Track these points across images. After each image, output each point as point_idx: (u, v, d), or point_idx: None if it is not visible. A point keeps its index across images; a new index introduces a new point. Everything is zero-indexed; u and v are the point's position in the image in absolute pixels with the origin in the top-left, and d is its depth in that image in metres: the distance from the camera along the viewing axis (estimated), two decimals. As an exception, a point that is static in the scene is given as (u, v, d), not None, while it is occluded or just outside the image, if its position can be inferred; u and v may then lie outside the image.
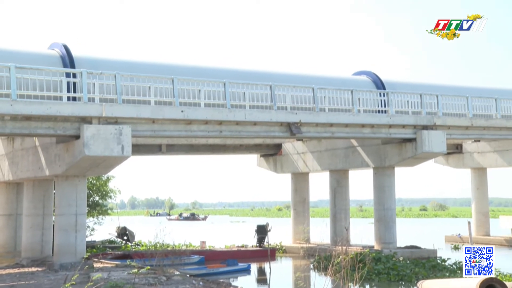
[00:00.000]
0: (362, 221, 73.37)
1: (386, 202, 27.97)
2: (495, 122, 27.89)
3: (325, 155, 31.73)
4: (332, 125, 23.93)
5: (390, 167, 27.88)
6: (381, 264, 22.01)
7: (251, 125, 22.29)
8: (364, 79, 27.59)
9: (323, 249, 26.80)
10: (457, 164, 40.99)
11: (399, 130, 25.56)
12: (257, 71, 25.34)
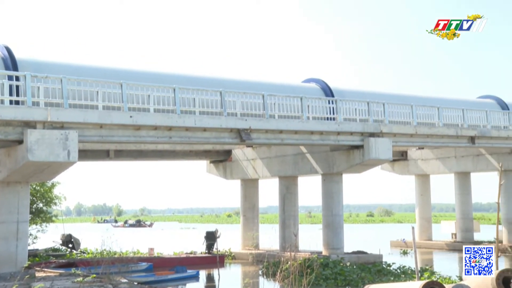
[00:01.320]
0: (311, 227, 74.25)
1: (334, 208, 28.40)
2: (437, 130, 28.85)
3: (275, 161, 31.97)
4: (281, 132, 24.15)
5: (338, 173, 28.35)
6: (329, 270, 22.31)
7: (201, 131, 22.21)
8: (313, 87, 28.00)
9: (272, 255, 26.94)
10: (402, 170, 42.17)
11: (347, 137, 26.05)
12: (208, 77, 25.32)
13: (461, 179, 38.98)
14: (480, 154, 37.18)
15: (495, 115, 32.00)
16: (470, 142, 30.46)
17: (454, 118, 30.04)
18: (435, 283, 9.24)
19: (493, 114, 31.84)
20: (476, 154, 37.40)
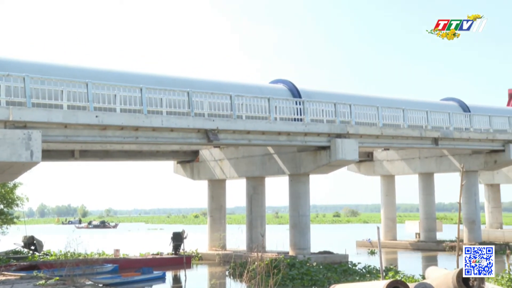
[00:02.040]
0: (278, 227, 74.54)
1: (301, 209, 28.59)
2: (402, 131, 29.33)
3: (242, 162, 31.99)
4: (249, 133, 24.19)
5: (305, 174, 28.54)
6: (295, 270, 22.44)
7: (168, 132, 22.07)
8: (280, 88, 28.13)
9: (239, 255, 26.94)
10: (368, 171, 42.75)
11: (314, 138, 26.25)
12: (175, 77, 25.15)
13: (425, 179, 39.74)
14: (443, 155, 37.99)
15: (457, 117, 32.73)
16: (434, 144, 31.09)
17: (418, 120, 30.61)
18: (399, 282, 9.39)
19: (455, 116, 32.56)
20: (439, 155, 38.21)
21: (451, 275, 9.78)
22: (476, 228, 36.24)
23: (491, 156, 34.92)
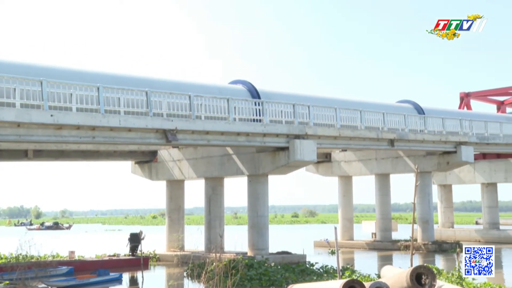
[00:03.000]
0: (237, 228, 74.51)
1: (260, 209, 28.68)
2: (360, 132, 29.82)
3: (201, 162, 31.86)
4: (208, 133, 24.12)
5: (264, 174, 28.65)
6: (254, 270, 22.50)
7: (126, 131, 21.78)
8: (240, 88, 28.16)
9: (197, 256, 26.83)
10: (326, 172, 43.27)
11: (273, 138, 26.38)
12: (134, 76, 24.85)
13: (381, 180, 40.51)
14: (398, 156, 38.83)
15: (412, 119, 33.49)
16: (390, 145, 31.72)
17: (375, 121, 31.17)
18: (355, 282, 9.55)
19: (410, 118, 33.31)
20: (395, 156, 39.03)
21: (405, 273, 10.01)
22: (429, 227, 37.20)
23: (443, 158, 35.91)
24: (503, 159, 45.12)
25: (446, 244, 37.02)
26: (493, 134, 37.33)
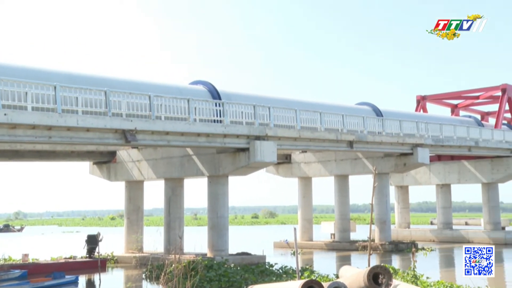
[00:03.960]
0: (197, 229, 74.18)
1: (220, 210, 28.64)
2: (319, 134, 30.14)
3: (161, 163, 31.59)
4: (168, 133, 23.94)
5: (224, 175, 28.62)
6: (213, 271, 22.44)
7: (84, 132, 21.40)
8: (200, 89, 28.06)
9: (156, 258, 26.60)
10: (286, 173, 43.56)
11: (233, 139, 26.38)
12: (92, 75, 24.41)
13: (340, 181, 41.06)
14: (357, 158, 39.44)
15: (371, 121, 34.05)
16: (349, 146, 32.18)
17: (334, 123, 31.54)
18: (313, 282, 9.64)
19: (369, 120, 33.86)
20: (354, 157, 39.62)
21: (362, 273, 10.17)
22: (386, 228, 37.93)
23: (401, 159, 36.67)
24: (457, 161, 46.48)
25: (402, 244, 37.80)
26: (447, 137, 38.34)
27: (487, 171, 44.66)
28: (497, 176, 44.22)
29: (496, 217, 45.05)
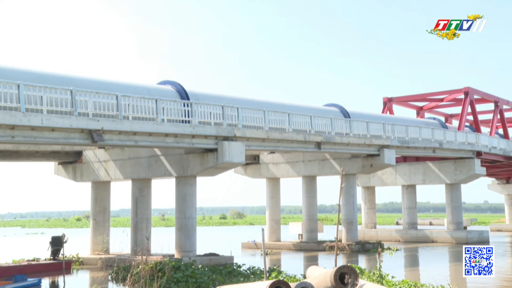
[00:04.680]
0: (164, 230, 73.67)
1: (187, 211, 28.50)
2: (287, 135, 30.29)
3: (128, 163, 31.25)
4: (135, 134, 23.70)
5: (192, 176, 28.50)
6: (180, 272, 22.31)
7: (49, 131, 21.00)
8: (168, 89, 27.87)
9: (123, 259, 26.30)
10: (254, 174, 43.62)
11: (201, 140, 26.29)
12: (58, 74, 23.97)
13: (308, 182, 41.34)
14: (325, 159, 39.77)
15: (338, 123, 34.38)
16: (317, 147, 32.43)
17: (302, 124, 31.73)
18: (281, 282, 9.67)
19: (336, 122, 34.18)
20: (321, 158, 39.94)
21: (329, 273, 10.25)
22: (353, 228, 38.36)
23: (367, 160, 37.15)
24: (422, 162, 47.36)
25: (368, 244, 38.29)
26: (413, 138, 39.01)
27: (451, 172, 45.64)
28: (460, 177, 45.24)
29: (458, 217, 46.09)
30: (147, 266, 15.25)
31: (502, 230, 69.13)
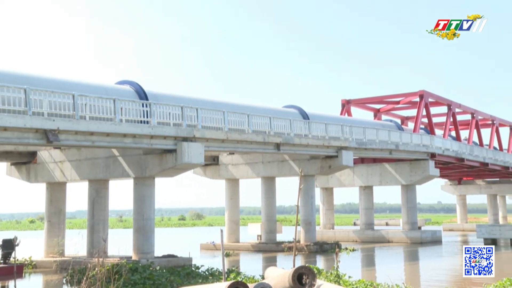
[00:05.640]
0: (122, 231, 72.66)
1: (146, 212, 28.18)
2: (247, 136, 30.33)
3: (85, 164, 30.67)
4: (93, 134, 23.28)
5: (150, 177, 28.20)
6: (138, 274, 22.01)
7: (1, 131, 20.42)
8: (127, 89, 27.50)
9: (78, 262, 25.78)
10: (213, 175, 43.51)
11: (160, 141, 26.05)
12: (11, 72, 23.30)
13: (267, 183, 41.51)
14: (284, 160, 40.03)
15: (297, 124, 34.66)
16: (276, 149, 32.60)
17: (262, 125, 31.85)
18: (239, 283, 9.66)
19: (295, 123, 34.46)
20: (280, 160, 40.18)
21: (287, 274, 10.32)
22: (312, 229, 38.73)
23: (326, 162, 37.59)
24: (379, 164, 48.27)
25: (326, 244, 38.73)
26: (370, 140, 39.69)
27: (406, 173, 46.68)
28: (415, 178, 46.31)
29: (413, 217, 47.18)
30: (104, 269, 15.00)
31: (454, 229, 71.29)
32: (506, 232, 42.05)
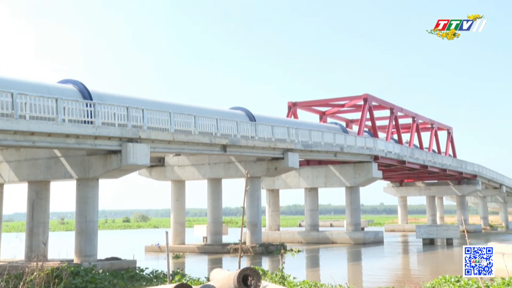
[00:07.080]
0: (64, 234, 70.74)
1: (89, 214, 27.53)
2: (193, 137, 30.17)
3: (24, 165, 29.65)
4: (33, 134, 22.55)
5: (94, 178, 27.57)
6: (79, 278, 21.46)
7: None
8: (70, 88, 26.81)
9: (15, 266, 24.85)
10: (159, 176, 43.02)
11: (104, 141, 25.53)
12: None
13: (213, 185, 41.41)
14: (230, 162, 40.05)
15: (244, 126, 34.76)
16: (222, 150, 32.59)
17: (209, 127, 31.77)
18: (184, 285, 9.59)
19: (242, 125, 34.55)
20: (227, 161, 40.18)
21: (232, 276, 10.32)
22: (257, 230, 38.91)
23: (272, 163, 37.87)
24: (324, 166, 49.06)
25: (272, 246, 39.00)
26: (315, 142, 40.27)
27: (350, 175, 47.65)
28: (359, 180, 47.34)
29: (357, 218, 48.21)
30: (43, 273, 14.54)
31: (395, 230, 73.45)
32: (442, 232, 43.73)
